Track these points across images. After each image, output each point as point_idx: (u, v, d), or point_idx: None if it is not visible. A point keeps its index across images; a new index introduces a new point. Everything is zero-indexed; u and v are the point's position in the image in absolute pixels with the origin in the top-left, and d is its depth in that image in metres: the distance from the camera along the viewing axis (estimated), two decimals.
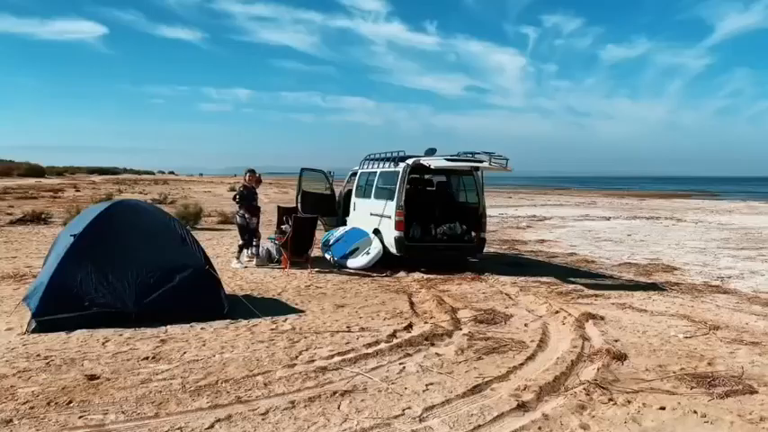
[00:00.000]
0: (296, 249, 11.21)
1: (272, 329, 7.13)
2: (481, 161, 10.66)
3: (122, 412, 4.61)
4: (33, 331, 6.66)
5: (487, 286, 10.22)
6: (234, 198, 12.38)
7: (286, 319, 7.59)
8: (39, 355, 5.92)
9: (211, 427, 4.40)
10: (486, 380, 5.50)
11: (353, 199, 13.43)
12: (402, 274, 11.17)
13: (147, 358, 5.93)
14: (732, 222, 26.12)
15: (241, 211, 11.59)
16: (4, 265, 11.11)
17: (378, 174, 12.37)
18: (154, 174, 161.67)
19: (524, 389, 5.26)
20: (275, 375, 5.50)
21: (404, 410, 4.77)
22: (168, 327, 7.00)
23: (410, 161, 11.18)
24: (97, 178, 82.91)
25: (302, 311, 8.05)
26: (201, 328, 7.04)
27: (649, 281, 11.45)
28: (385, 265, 11.50)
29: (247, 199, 11.71)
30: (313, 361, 5.95)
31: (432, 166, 10.79)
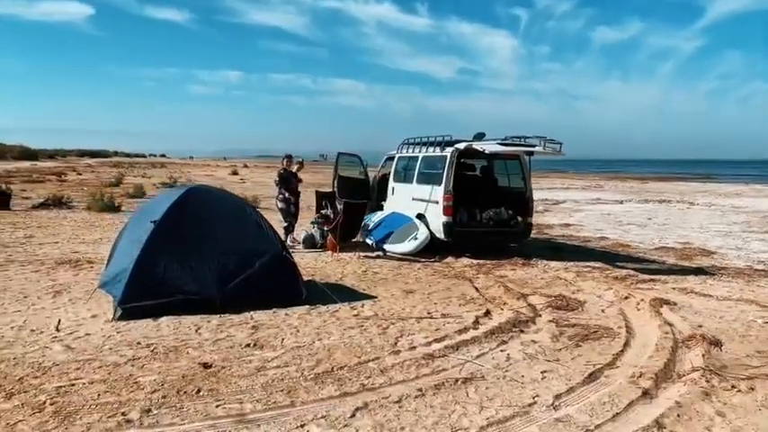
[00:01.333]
0: (345, 234, 11.16)
1: (356, 315, 7.11)
2: (534, 146, 10.62)
3: (256, 401, 4.59)
4: (119, 318, 6.61)
5: (541, 271, 10.23)
6: (276, 182, 12.42)
7: (363, 305, 7.57)
8: (139, 343, 5.88)
9: (353, 415, 4.38)
10: (596, 367, 5.50)
11: (392, 183, 13.36)
12: (450, 259, 11.15)
13: (248, 345, 5.90)
14: (744, 205, 26.28)
15: (285, 194, 11.69)
16: (51, 251, 11.01)
17: (420, 158, 12.30)
18: (145, 156, 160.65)
19: (640, 376, 5.27)
20: (386, 362, 5.49)
21: (534, 398, 4.76)
22: (252, 313, 6.96)
23: (461, 145, 11.13)
24: (91, 161, 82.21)
25: (374, 297, 8.03)
26: (286, 314, 7.01)
27: (693, 265, 11.49)
28: (430, 250, 11.46)
29: (286, 181, 11.79)
30: (414, 348, 5.94)
31: (487, 151, 10.74)
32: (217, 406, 4.49)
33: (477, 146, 10.82)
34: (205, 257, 7.10)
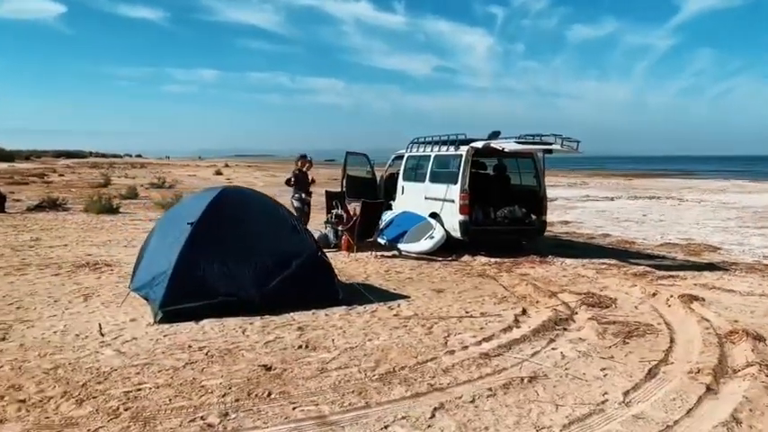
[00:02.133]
0: (361, 234, 11.15)
1: (396, 315, 7.11)
2: (550, 143, 10.68)
3: (331, 402, 4.58)
4: (160, 321, 6.54)
5: (561, 269, 10.30)
6: (288, 182, 12.40)
7: (399, 305, 7.58)
8: (190, 346, 5.83)
9: (433, 416, 4.38)
10: (652, 363, 5.55)
11: (401, 183, 13.37)
12: (467, 257, 11.19)
13: (301, 347, 5.88)
14: (732, 201, 26.68)
15: (302, 194, 11.70)
16: (63, 254, 10.86)
17: (432, 157, 12.32)
18: (122, 156, 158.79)
19: (698, 372, 5.33)
20: (445, 362, 5.50)
21: (603, 396, 4.80)
22: (293, 314, 6.93)
23: (478, 144, 11.16)
24: (68, 162, 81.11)
25: (407, 296, 8.04)
26: (326, 315, 6.99)
27: (704, 261, 11.66)
28: (446, 248, 11.47)
29: (302, 182, 11.78)
30: (467, 347, 5.95)
31: (507, 150, 10.78)
32: (293, 408, 4.47)
33: (496, 144, 10.86)
34: (243, 258, 7.06)
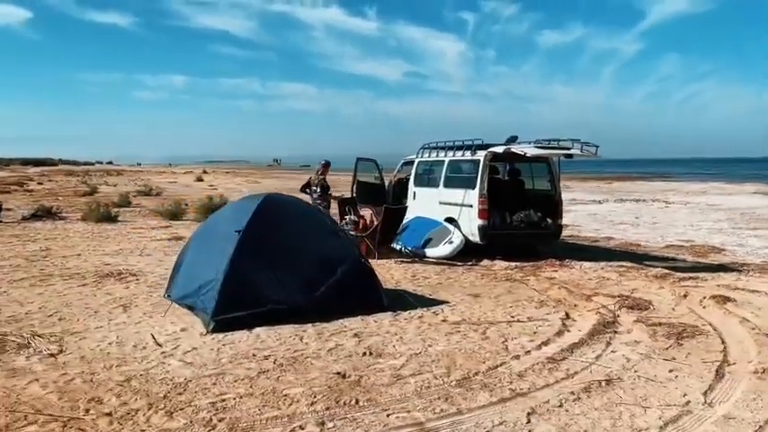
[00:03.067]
0: (382, 240, 11.17)
1: (444, 321, 7.14)
2: (569, 148, 10.81)
3: (423, 409, 4.59)
4: (213, 331, 6.49)
5: (582, 272, 10.41)
6: (305, 189, 12.38)
7: (443, 310, 7.62)
8: (254, 355, 5.81)
9: (529, 421, 4.41)
10: (715, 364, 5.66)
11: (412, 188, 13.43)
12: (486, 262, 11.27)
13: (365, 354, 5.88)
14: (717, 203, 27.25)
15: (325, 202, 11.67)
16: (80, 264, 10.71)
17: (446, 162, 12.39)
18: (93, 164, 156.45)
19: (763, 371, 5.44)
20: (515, 367, 5.55)
21: (685, 397, 4.87)
22: (342, 321, 6.92)
23: (497, 149, 11.25)
24: (37, 170, 79.74)
25: (446, 302, 8.08)
26: (375, 321, 7.00)
27: (714, 262, 11.90)
28: (463, 253, 11.52)
29: (327, 189, 11.75)
30: (529, 352, 6.00)
31: (528, 154, 10.88)
32: (387, 416, 4.47)
33: (518, 149, 10.96)
34: (290, 265, 7.06)
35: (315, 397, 4.81)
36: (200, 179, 53.50)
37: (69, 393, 4.87)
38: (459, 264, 11.08)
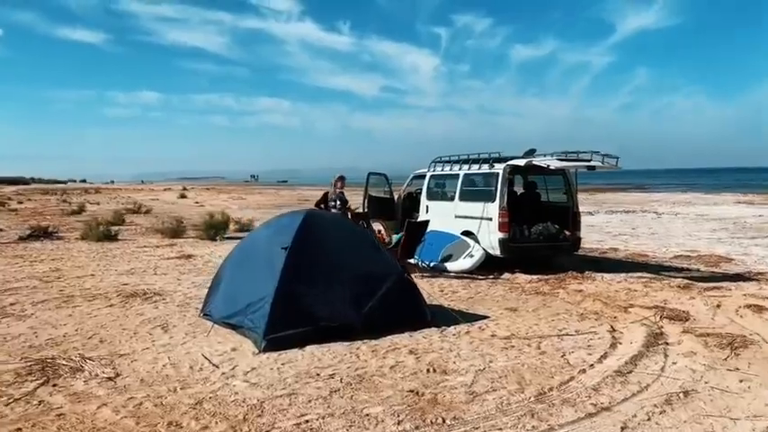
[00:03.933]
0: (403, 254, 11.12)
1: (493, 336, 7.10)
2: (589, 160, 10.88)
3: (513, 426, 4.54)
4: (264, 350, 6.37)
5: (606, 284, 10.41)
6: (320, 204, 12.26)
7: (487, 325, 7.57)
8: (319, 374, 5.71)
9: None
10: None
11: (425, 202, 13.40)
12: (507, 275, 11.26)
13: (429, 371, 5.80)
14: (706, 213, 27.64)
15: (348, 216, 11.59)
16: (98, 284, 10.49)
17: (461, 175, 12.39)
18: (65, 182, 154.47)
19: None
20: (586, 381, 5.51)
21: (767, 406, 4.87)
22: (392, 337, 6.85)
23: (519, 162, 11.28)
24: (16, 189, 78.56)
25: (486, 316, 8.03)
26: (423, 337, 6.94)
27: (730, 271, 12.05)
28: (481, 266, 11.49)
29: (346, 203, 11.66)
30: (592, 365, 5.97)
31: (551, 167, 10.92)
32: None
33: (541, 162, 10.99)
34: (337, 281, 6.98)
35: (398, 416, 4.73)
36: (183, 196, 53.00)
37: (144, 418, 4.73)
38: (481, 277, 11.05)
